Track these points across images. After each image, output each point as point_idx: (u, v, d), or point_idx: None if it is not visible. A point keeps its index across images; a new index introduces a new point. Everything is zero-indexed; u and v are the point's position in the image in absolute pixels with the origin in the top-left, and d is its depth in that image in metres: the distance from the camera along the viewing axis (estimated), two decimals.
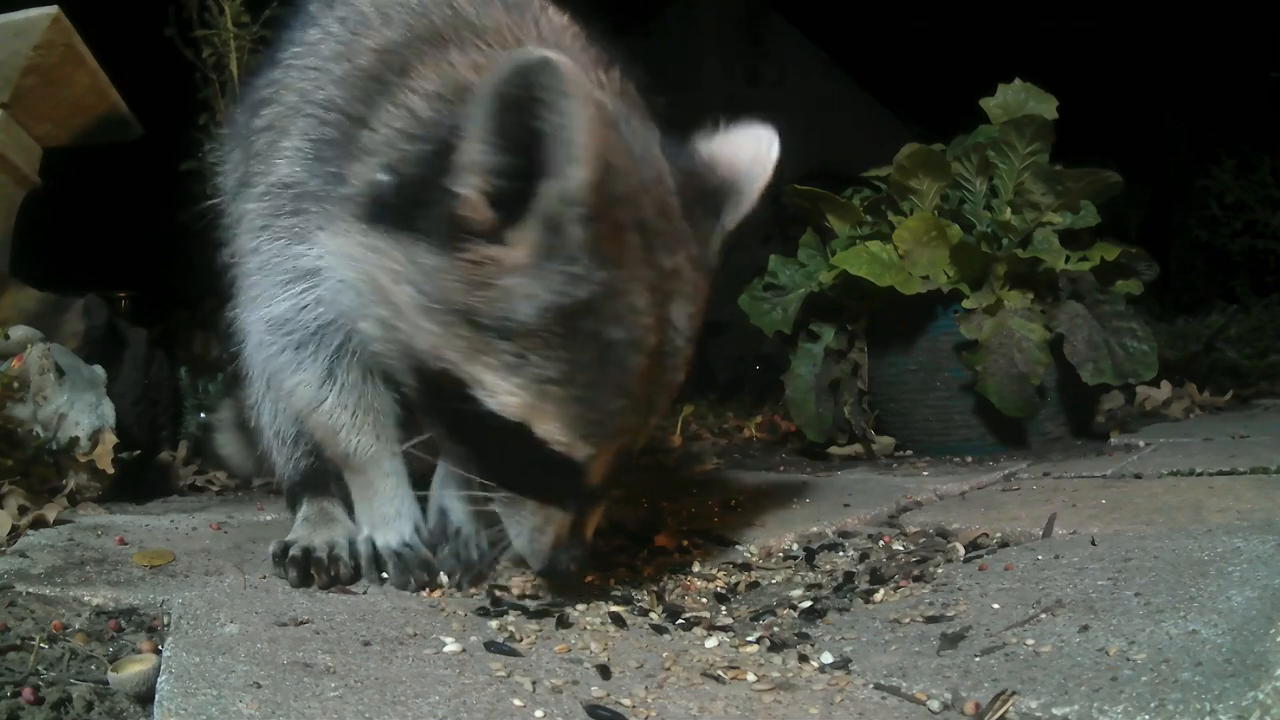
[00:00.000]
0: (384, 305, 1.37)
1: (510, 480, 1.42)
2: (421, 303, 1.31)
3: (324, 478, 1.81)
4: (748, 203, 1.49)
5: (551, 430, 1.32)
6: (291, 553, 1.58)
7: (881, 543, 1.89)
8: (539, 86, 1.13)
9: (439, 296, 1.29)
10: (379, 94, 1.42)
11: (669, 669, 1.22)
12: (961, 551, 1.75)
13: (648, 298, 1.30)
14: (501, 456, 1.38)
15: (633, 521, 1.98)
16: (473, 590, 1.56)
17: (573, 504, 1.41)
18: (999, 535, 1.83)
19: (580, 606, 1.47)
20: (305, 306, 1.54)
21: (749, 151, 1.49)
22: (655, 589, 1.59)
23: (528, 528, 1.43)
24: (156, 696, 1.05)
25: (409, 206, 1.33)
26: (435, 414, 1.44)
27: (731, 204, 1.48)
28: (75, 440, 2.25)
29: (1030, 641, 1.20)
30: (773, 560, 1.81)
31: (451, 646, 1.25)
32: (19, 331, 2.37)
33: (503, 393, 1.29)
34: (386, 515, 1.66)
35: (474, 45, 1.41)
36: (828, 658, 1.26)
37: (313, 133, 1.50)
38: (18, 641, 1.27)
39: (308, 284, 1.53)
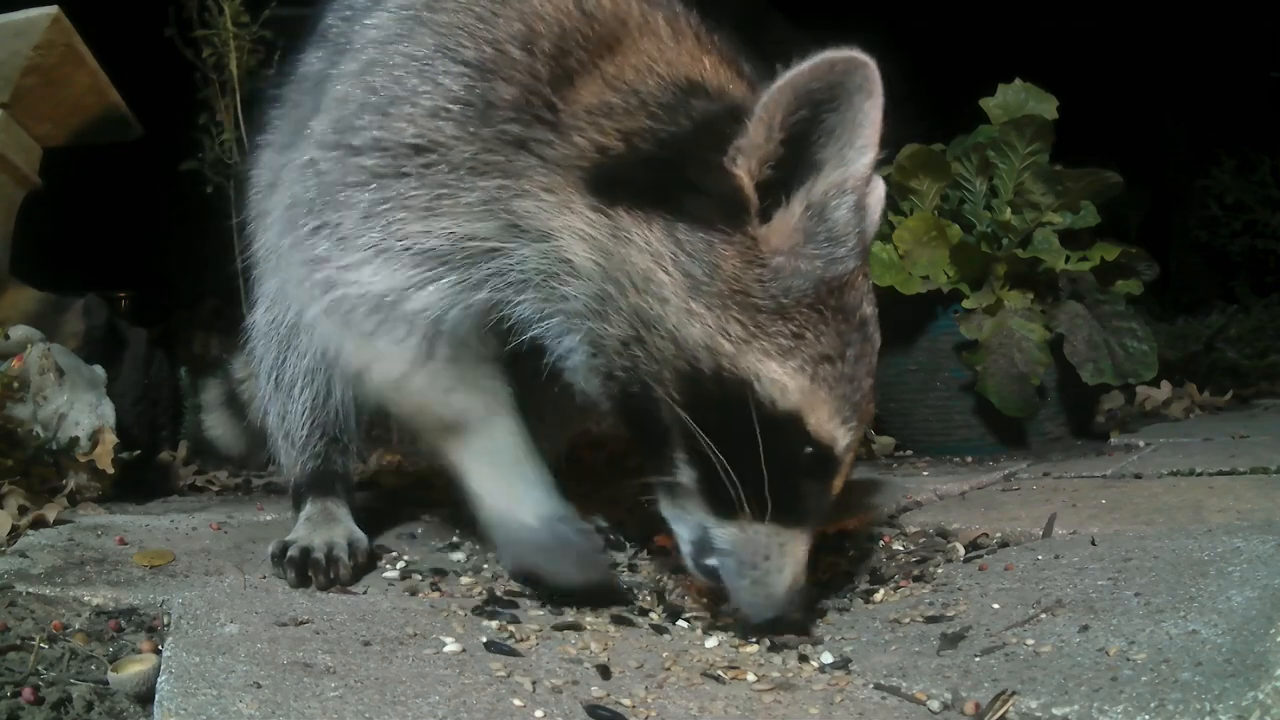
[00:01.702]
0: (645, 296, 1.27)
1: (754, 502, 1.28)
2: (692, 286, 1.25)
3: (330, 478, 1.81)
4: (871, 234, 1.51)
5: (822, 417, 1.27)
6: (290, 553, 1.58)
7: (881, 543, 1.89)
8: (845, 86, 1.18)
9: (712, 278, 1.25)
10: (574, 66, 1.34)
11: (669, 669, 1.22)
12: (961, 551, 1.75)
13: (869, 280, 1.38)
14: (754, 467, 1.25)
15: (633, 521, 1.98)
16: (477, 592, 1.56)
17: (813, 523, 1.34)
18: (999, 535, 1.83)
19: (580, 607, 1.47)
20: (427, 288, 1.39)
21: (874, 198, 1.51)
22: (655, 589, 1.59)
23: (763, 570, 1.30)
24: (156, 696, 1.05)
25: (656, 184, 1.28)
26: (687, 424, 1.28)
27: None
28: (75, 440, 2.25)
29: (1030, 641, 1.20)
30: None
31: (451, 646, 1.25)
32: (19, 331, 2.37)
33: (783, 376, 1.24)
34: (518, 480, 1.44)
35: (662, 39, 1.39)
36: (828, 658, 1.26)
37: (467, 90, 1.36)
38: (18, 641, 1.27)
39: (425, 268, 1.39)
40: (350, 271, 1.41)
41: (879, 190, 1.53)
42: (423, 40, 1.39)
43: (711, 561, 1.34)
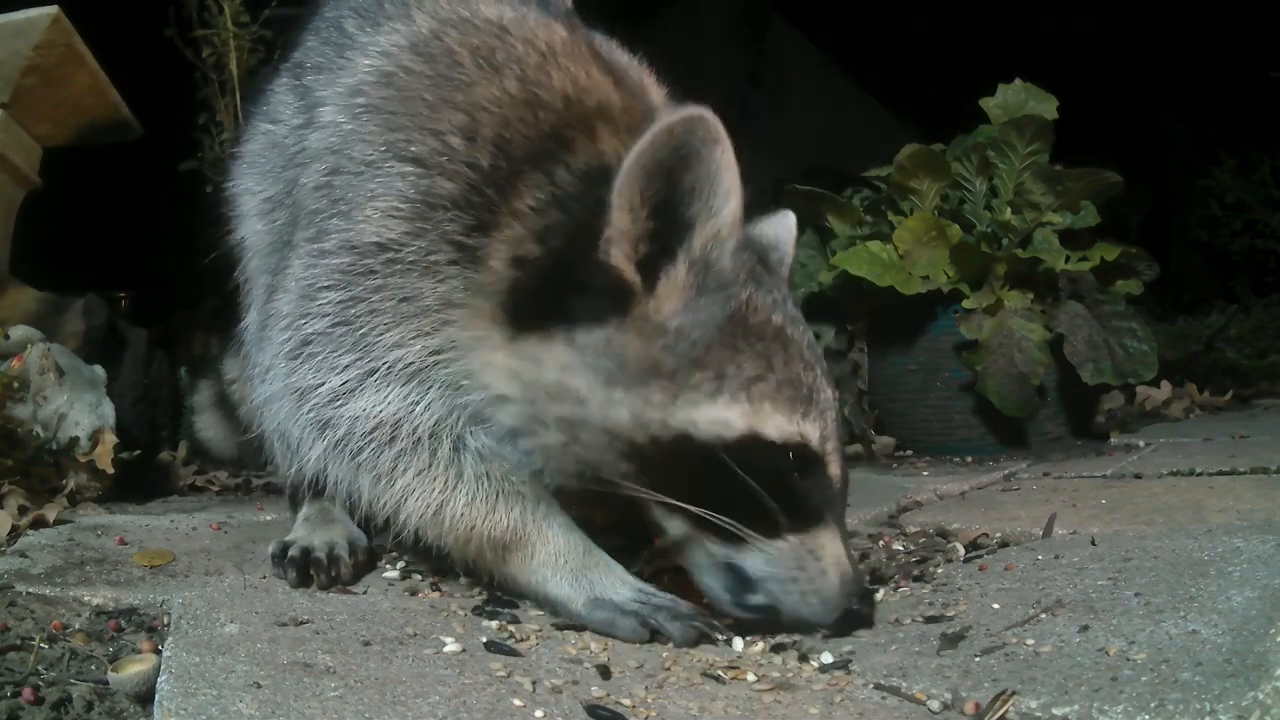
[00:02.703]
0: (565, 404, 1.32)
1: (763, 520, 1.30)
2: (604, 382, 1.29)
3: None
4: (787, 262, 1.59)
5: (778, 424, 1.29)
6: (290, 553, 1.58)
7: (881, 543, 1.89)
8: (689, 145, 1.21)
9: (620, 367, 1.29)
10: (527, 159, 1.36)
11: (669, 669, 1.22)
12: (961, 551, 1.75)
13: (780, 291, 1.40)
14: (746, 498, 1.28)
15: (633, 521, 1.98)
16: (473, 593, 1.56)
17: (833, 515, 1.35)
18: (999, 535, 1.83)
19: None
20: (419, 406, 1.39)
21: (783, 228, 1.60)
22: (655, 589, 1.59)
23: (807, 577, 1.31)
24: (156, 696, 1.05)
25: (549, 297, 1.31)
26: (659, 486, 1.32)
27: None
28: (75, 440, 2.25)
29: (1030, 641, 1.20)
30: None
31: (451, 646, 1.25)
32: (19, 331, 2.37)
33: (719, 411, 1.28)
34: (593, 568, 1.41)
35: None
36: (828, 658, 1.26)
37: (419, 190, 1.37)
38: (18, 641, 1.27)
39: (416, 383, 1.39)
40: (342, 404, 1.39)
41: (787, 221, 1.61)
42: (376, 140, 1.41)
43: (757, 598, 1.34)
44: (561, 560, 1.41)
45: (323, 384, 1.40)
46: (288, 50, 1.83)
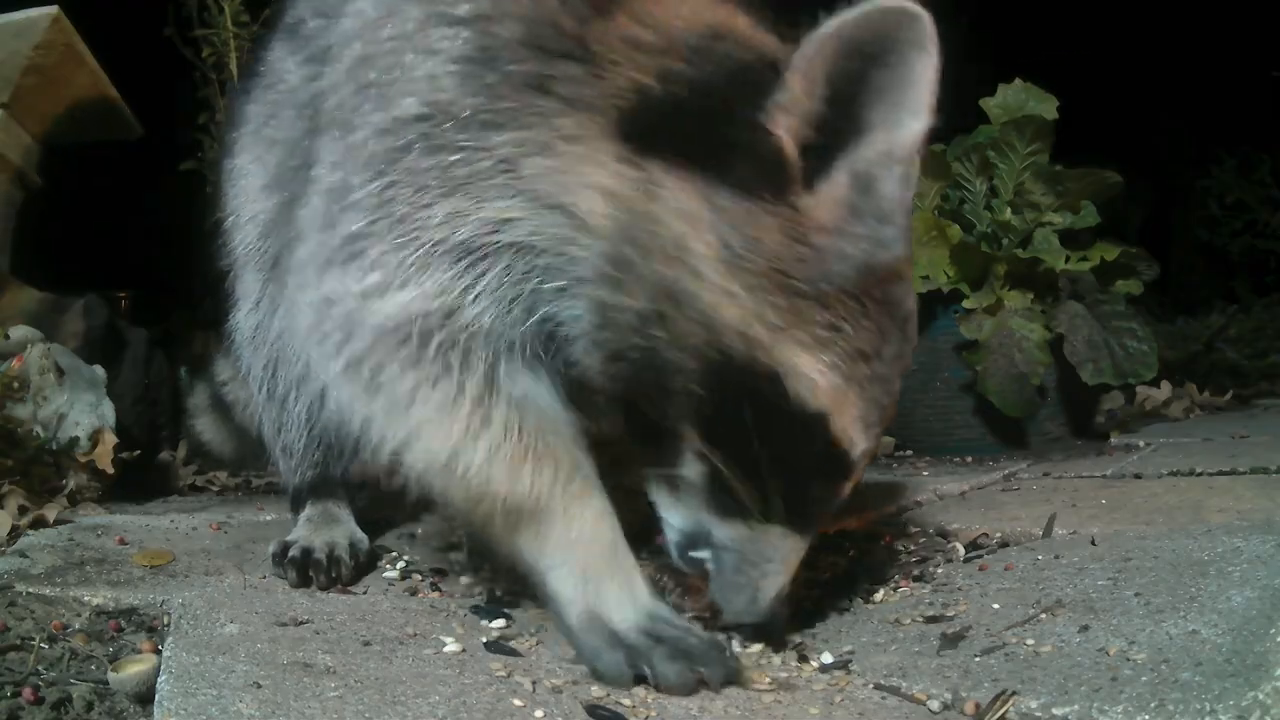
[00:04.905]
0: (674, 267, 1.09)
1: (768, 498, 1.16)
2: (731, 260, 1.08)
3: (330, 483, 1.80)
4: None
5: (846, 421, 1.13)
6: (291, 553, 1.58)
7: (881, 543, 1.89)
8: (896, 39, 1.03)
9: (752, 252, 1.08)
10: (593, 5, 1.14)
11: None
12: (961, 551, 1.74)
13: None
14: (770, 466, 1.14)
15: (633, 521, 1.98)
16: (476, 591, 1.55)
17: (814, 529, 1.24)
18: (999, 535, 1.83)
19: None
20: (470, 295, 1.16)
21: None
22: (656, 589, 1.59)
23: (761, 566, 1.19)
24: (156, 696, 1.05)
25: (694, 138, 1.10)
26: (704, 415, 1.13)
27: None
28: (75, 440, 2.25)
29: (1030, 641, 1.20)
30: None
31: (451, 646, 1.25)
32: (19, 331, 2.38)
33: (814, 372, 1.10)
34: (606, 573, 1.21)
35: None
36: (828, 658, 1.26)
37: (464, 45, 1.16)
38: (18, 641, 1.27)
39: (471, 260, 1.15)
40: (374, 300, 1.17)
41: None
42: (409, 14, 1.21)
43: (700, 554, 1.23)
44: (578, 550, 1.20)
45: (350, 285, 1.18)
46: (273, 18, 1.73)
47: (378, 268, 1.17)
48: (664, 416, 1.16)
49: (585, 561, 1.21)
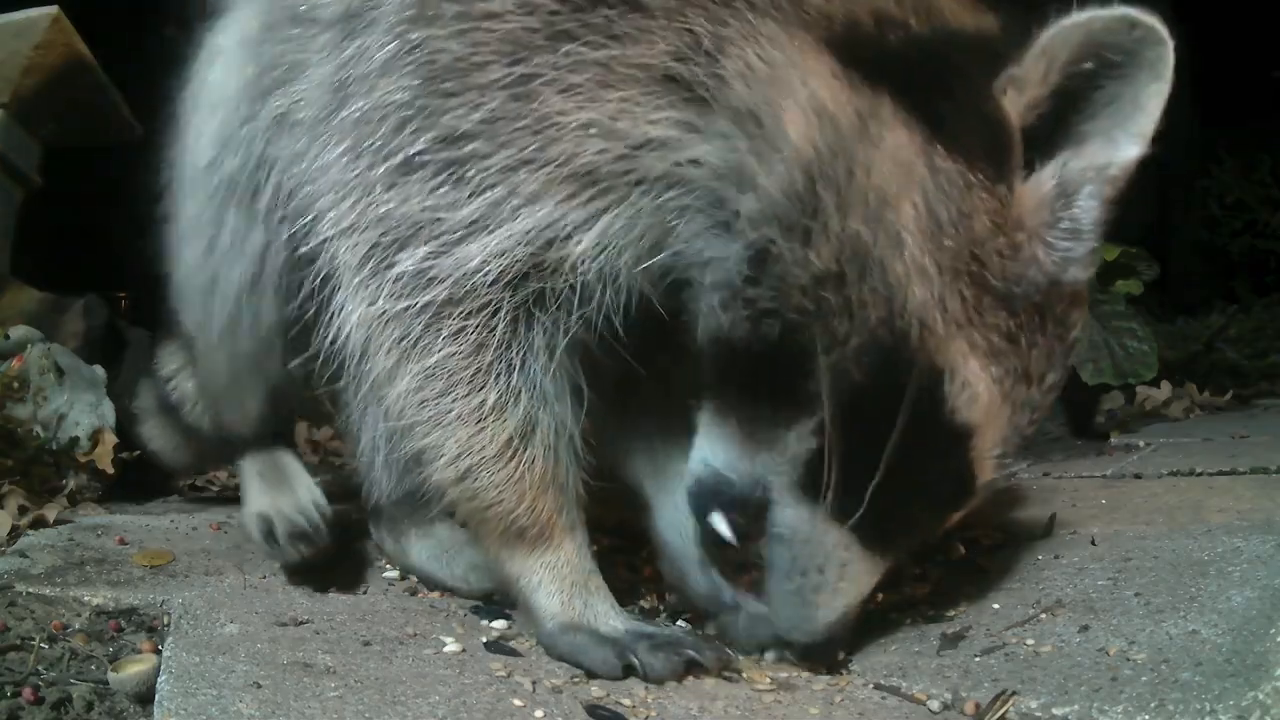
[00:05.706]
0: (872, 224, 0.95)
1: (854, 496, 1.03)
2: (934, 232, 0.95)
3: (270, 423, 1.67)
4: None
5: (988, 444, 1.02)
6: (278, 528, 1.53)
7: None
8: (1137, 54, 0.97)
9: (958, 229, 0.95)
10: None
11: None
12: (962, 551, 1.74)
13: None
14: (883, 466, 1.01)
15: (633, 521, 1.98)
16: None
17: (897, 556, 1.14)
18: (999, 535, 1.83)
19: None
20: (589, 234, 0.99)
21: None
22: (657, 589, 1.59)
23: (816, 583, 1.08)
24: (156, 696, 1.05)
25: (920, 82, 0.97)
26: (840, 407, 0.99)
27: None
28: (75, 440, 2.25)
29: (1030, 641, 1.20)
30: None
31: (451, 646, 1.25)
32: (19, 331, 2.37)
33: (980, 383, 0.98)
34: (591, 595, 1.19)
35: None
36: None
37: None
38: (18, 641, 1.27)
39: (602, 190, 0.98)
40: (461, 245, 0.97)
41: None
42: None
43: (721, 523, 1.09)
44: (564, 569, 1.18)
45: (441, 213, 0.99)
46: None
47: (483, 191, 0.98)
48: (788, 391, 1.02)
49: (572, 579, 1.21)
